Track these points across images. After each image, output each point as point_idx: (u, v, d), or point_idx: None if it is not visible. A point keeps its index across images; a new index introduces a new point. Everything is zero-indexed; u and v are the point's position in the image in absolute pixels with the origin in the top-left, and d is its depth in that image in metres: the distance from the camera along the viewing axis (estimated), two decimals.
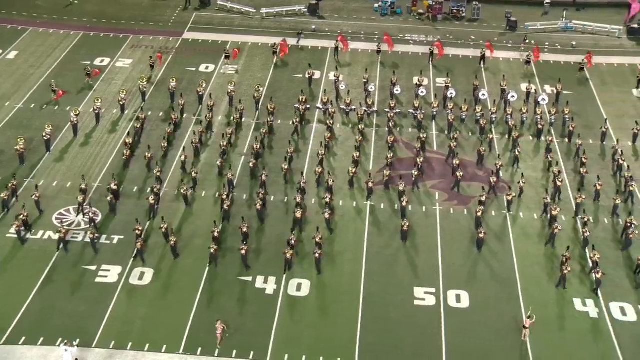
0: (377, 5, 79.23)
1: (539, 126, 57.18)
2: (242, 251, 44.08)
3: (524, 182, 50.73)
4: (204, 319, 40.88)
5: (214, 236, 45.34)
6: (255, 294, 42.96)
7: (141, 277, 43.80)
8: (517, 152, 53.82)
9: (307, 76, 63.78)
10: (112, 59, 66.99)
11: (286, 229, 46.86)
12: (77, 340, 39.32)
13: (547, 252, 46.47)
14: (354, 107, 59.25)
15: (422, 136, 54.80)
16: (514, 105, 59.64)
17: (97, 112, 57.74)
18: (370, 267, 45.03)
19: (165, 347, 39.38)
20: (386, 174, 51.16)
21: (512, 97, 60.11)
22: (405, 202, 48.21)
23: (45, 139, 54.06)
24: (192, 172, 50.81)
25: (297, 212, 47.37)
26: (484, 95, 61.22)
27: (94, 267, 44.27)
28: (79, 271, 44.04)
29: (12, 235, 46.09)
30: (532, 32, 74.08)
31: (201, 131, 55.50)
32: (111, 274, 43.92)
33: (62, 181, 51.41)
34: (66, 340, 38.83)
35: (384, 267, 45.15)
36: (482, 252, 46.18)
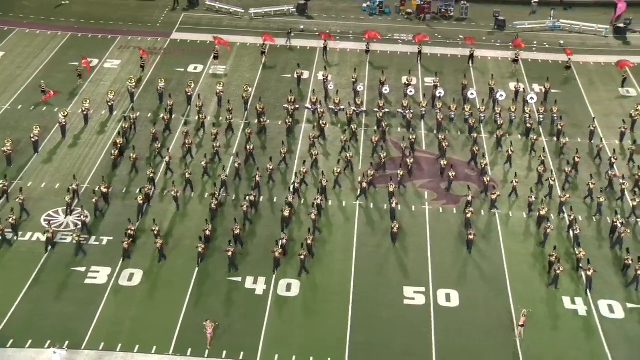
0: (365, 5, 79.28)
1: (528, 125, 57.32)
2: (229, 252, 44.04)
3: (517, 181, 50.83)
4: (193, 320, 40.79)
5: (205, 235, 45.34)
6: (244, 294, 42.91)
7: (130, 278, 43.69)
8: (510, 151, 53.93)
9: (295, 76, 63.74)
10: (100, 59, 66.77)
11: (276, 230, 46.86)
12: (66, 342, 39.16)
13: (536, 251, 46.62)
14: (342, 107, 59.24)
15: (411, 137, 54.82)
16: (502, 104, 59.77)
17: (85, 113, 57.54)
18: (359, 267, 45.05)
19: (155, 348, 39.30)
20: (370, 173, 51.20)
21: (501, 96, 60.23)
22: (394, 204, 48.18)
23: (33, 140, 53.84)
24: (186, 173, 50.72)
25: (285, 211, 47.37)
26: (472, 94, 61.33)
27: (83, 269, 44.14)
28: (68, 273, 43.88)
29: None
30: (520, 31, 74.24)
31: (196, 130, 55.33)
32: (100, 275, 43.79)
33: (51, 183, 51.23)
34: (55, 342, 38.73)
35: (374, 267, 45.18)
36: (472, 251, 46.25)
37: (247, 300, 42.54)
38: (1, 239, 45.49)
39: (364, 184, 50.21)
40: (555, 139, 56.80)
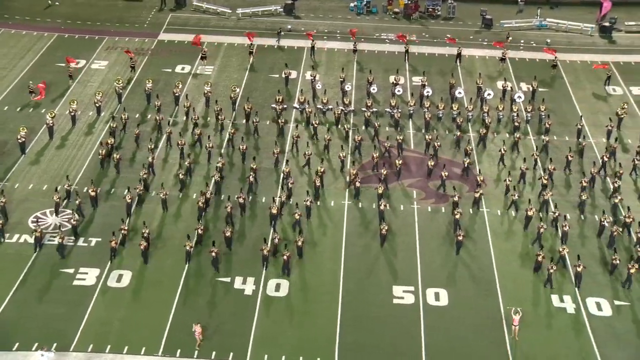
0: (352, 4, 79.33)
1: (516, 123, 57.47)
2: (212, 253, 43.99)
3: (510, 180, 50.95)
4: (182, 321, 40.71)
5: (198, 234, 45.38)
6: (233, 294, 42.87)
7: (119, 279, 43.57)
8: (502, 150, 53.99)
9: (283, 76, 63.72)
10: (88, 60, 66.57)
11: (265, 229, 46.88)
12: (54, 344, 39.01)
13: (525, 250, 46.72)
14: (330, 107, 59.26)
15: (398, 138, 54.85)
16: (490, 103, 59.91)
17: (72, 114, 57.35)
18: (348, 266, 45.06)
19: (144, 349, 39.22)
20: (353, 172, 51.13)
21: (489, 94, 60.34)
22: (383, 206, 48.14)
23: (20, 141, 53.61)
24: (179, 174, 50.55)
25: (272, 208, 47.39)
26: (460, 93, 61.46)
27: (71, 270, 43.99)
28: (56, 274, 43.73)
29: None
30: (507, 30, 74.44)
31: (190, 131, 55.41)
32: (89, 276, 43.65)
33: (38, 184, 51.02)
34: (43, 344, 38.57)
35: (363, 266, 45.19)
36: (461, 251, 46.24)
37: (236, 300, 42.49)
38: None
39: (357, 184, 50.23)
40: (546, 137, 56.93)
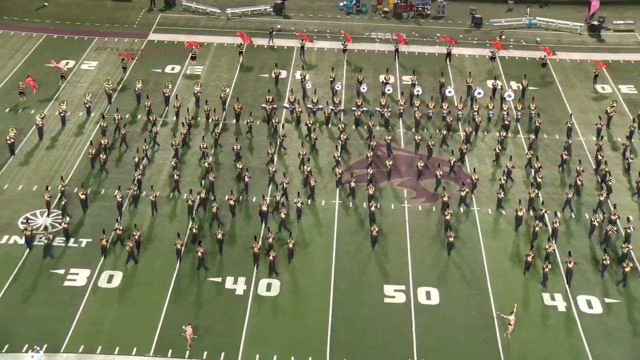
0: (342, 3, 79.35)
1: (506, 122, 57.58)
2: (198, 253, 43.94)
3: (505, 179, 51.06)
4: (174, 321, 40.65)
5: (193, 233, 45.41)
6: (225, 294, 42.83)
7: (110, 280, 43.47)
8: (497, 149, 54.02)
9: (273, 76, 63.69)
10: (77, 61, 66.39)
11: (256, 229, 46.84)
12: (45, 345, 38.89)
13: (516, 248, 46.80)
14: (320, 107, 59.25)
15: (387, 138, 54.91)
16: (480, 101, 60.02)
17: (62, 115, 57.17)
18: (340, 266, 45.05)
19: (135, 349, 39.13)
20: (338, 171, 51.21)
21: (479, 93, 60.45)
22: (374, 207, 48.04)
23: (9, 142, 53.41)
24: (174, 175, 50.48)
25: (263, 205, 47.46)
26: (450, 92, 61.54)
27: (62, 271, 43.86)
28: (47, 275, 43.58)
29: None
30: (497, 29, 74.65)
31: (184, 133, 55.39)
32: (80, 277, 43.53)
33: (28, 185, 50.85)
34: (33, 346, 38.42)
35: (354, 266, 45.19)
36: (452, 251, 46.25)
37: (227, 300, 42.45)
38: None
39: (352, 183, 50.21)
40: (533, 135, 57.12)
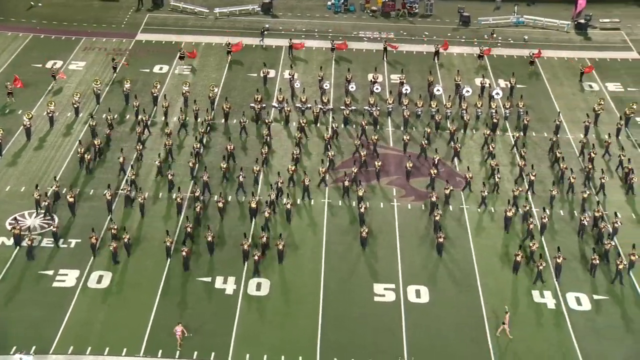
0: (330, 2, 79.36)
1: (494, 120, 57.69)
2: (183, 253, 43.88)
3: (499, 177, 51.19)
4: (164, 321, 40.59)
5: (187, 232, 45.41)
6: (215, 294, 42.80)
7: (100, 280, 43.36)
8: (491, 147, 54.10)
9: (261, 75, 63.63)
10: (65, 61, 66.14)
11: (247, 227, 46.80)
12: (33, 347, 38.74)
13: (505, 246, 46.91)
14: (309, 105, 59.23)
15: (373, 137, 54.89)
16: (468, 99, 60.15)
17: (50, 115, 56.96)
18: (329, 265, 45.06)
19: (125, 350, 39.04)
20: (322, 170, 51.21)
21: (467, 92, 60.62)
22: (363, 209, 47.83)
23: None
24: (168, 175, 50.33)
25: (252, 202, 47.56)
26: (438, 90, 61.63)
27: (51, 272, 43.73)
28: (35, 276, 43.43)
29: None
30: (484, 27, 74.87)
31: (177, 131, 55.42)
32: (69, 278, 43.40)
33: (16, 186, 50.64)
34: (21, 348, 38.26)
35: (343, 265, 45.21)
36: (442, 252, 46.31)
37: (217, 300, 42.42)
38: None
39: (346, 183, 50.21)
40: (521, 133, 57.26)
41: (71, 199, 47.85)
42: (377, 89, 61.45)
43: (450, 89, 62.60)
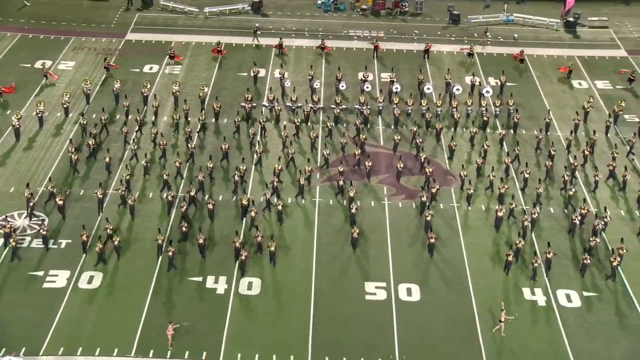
0: (320, 1, 79.33)
1: (484, 118, 57.81)
2: (169, 253, 43.82)
3: (494, 175, 51.25)
4: (155, 321, 40.54)
5: (182, 231, 45.49)
6: (206, 294, 42.75)
7: (90, 281, 43.25)
8: (485, 145, 54.18)
9: (252, 74, 63.57)
10: (54, 61, 65.93)
11: (237, 226, 46.72)
12: (23, 349, 38.60)
13: (496, 243, 46.99)
14: (300, 104, 59.21)
15: (361, 137, 54.92)
16: (459, 98, 60.22)
17: (40, 115, 56.77)
18: (320, 264, 45.07)
19: (116, 350, 38.97)
20: (308, 169, 51.10)
21: (457, 90, 60.71)
22: (354, 209, 47.78)
23: None
24: (164, 175, 50.17)
25: (243, 199, 47.76)
26: (429, 89, 61.70)
27: (41, 273, 43.59)
28: (26, 278, 43.27)
29: None
30: (474, 25, 75.01)
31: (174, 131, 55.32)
32: (59, 278, 43.28)
33: (5, 186, 50.44)
34: (10, 350, 38.10)
35: (335, 263, 45.21)
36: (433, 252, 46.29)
37: (208, 299, 42.38)
38: None
39: (340, 182, 50.20)
40: (512, 131, 57.41)
41: (60, 202, 47.61)
42: (367, 87, 61.49)
43: (440, 87, 62.66)
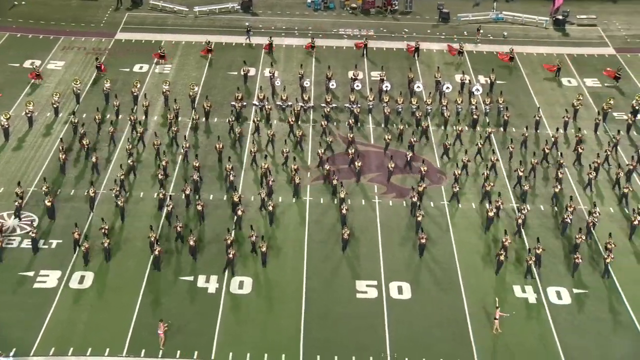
0: (310, 0, 79.34)
1: (474, 116, 57.94)
2: (156, 252, 43.74)
3: (489, 172, 51.37)
4: (146, 320, 40.53)
5: (177, 232, 45.47)
6: (197, 293, 42.73)
7: (81, 281, 43.18)
8: (479, 144, 54.28)
9: (242, 73, 63.54)
10: (43, 61, 65.75)
11: (227, 228, 46.72)
12: (13, 350, 38.53)
13: (486, 241, 47.09)
14: (290, 103, 59.22)
15: (349, 135, 54.94)
16: (449, 96, 60.32)
17: (29, 115, 56.58)
18: (311, 263, 45.09)
19: (108, 350, 38.93)
20: (294, 168, 51.08)
21: (447, 88, 60.79)
22: (345, 210, 47.67)
23: None
24: (158, 174, 50.14)
25: (234, 196, 47.85)
26: (419, 87, 61.80)
27: (31, 273, 43.50)
28: (16, 278, 43.16)
29: None
30: (464, 23, 75.17)
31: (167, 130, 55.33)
32: (50, 279, 43.20)
33: None
34: (1, 351, 38.01)
35: (326, 262, 45.23)
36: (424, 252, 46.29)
37: (199, 299, 42.37)
38: None
39: (334, 182, 50.18)
40: (502, 129, 57.56)
41: (49, 204, 47.40)
42: (357, 86, 61.52)
43: (430, 86, 62.77)
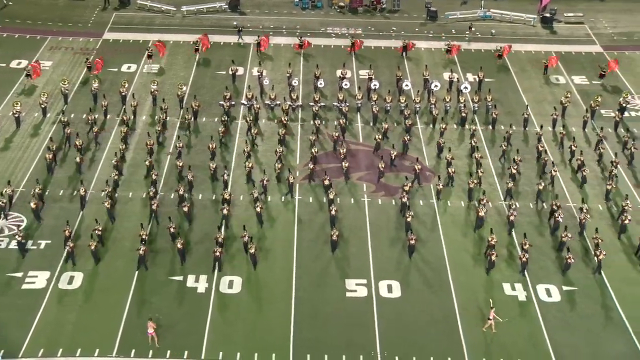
0: None
1: (463, 114, 58.03)
2: (140, 251, 43.68)
3: (482, 171, 51.53)
4: (136, 321, 40.43)
5: (170, 232, 45.22)
6: (186, 293, 42.66)
7: (71, 282, 43.05)
8: (473, 142, 54.33)
9: (230, 73, 63.48)
10: (30, 61, 65.47)
11: (216, 228, 46.65)
12: (2, 351, 38.37)
13: (476, 240, 47.17)
14: (278, 102, 59.19)
15: (334, 134, 54.95)
16: (437, 94, 60.40)
17: (17, 115, 56.38)
18: (300, 262, 45.07)
19: (97, 350, 38.84)
20: (278, 167, 51.20)
21: (436, 86, 60.86)
22: (334, 211, 47.60)
23: None
24: (152, 175, 50.02)
25: (225, 194, 48.11)
26: (407, 85, 61.84)
27: (20, 274, 43.34)
28: (4, 279, 43.00)
29: None
30: (452, 22, 75.28)
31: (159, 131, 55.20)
32: (39, 279, 43.05)
33: None
34: None
35: (315, 261, 45.23)
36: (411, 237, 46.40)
37: (189, 299, 42.30)
38: None
39: (326, 182, 50.13)
40: (490, 127, 57.68)
41: (34, 206, 47.13)
42: (345, 84, 61.55)
43: (418, 84, 62.86)
